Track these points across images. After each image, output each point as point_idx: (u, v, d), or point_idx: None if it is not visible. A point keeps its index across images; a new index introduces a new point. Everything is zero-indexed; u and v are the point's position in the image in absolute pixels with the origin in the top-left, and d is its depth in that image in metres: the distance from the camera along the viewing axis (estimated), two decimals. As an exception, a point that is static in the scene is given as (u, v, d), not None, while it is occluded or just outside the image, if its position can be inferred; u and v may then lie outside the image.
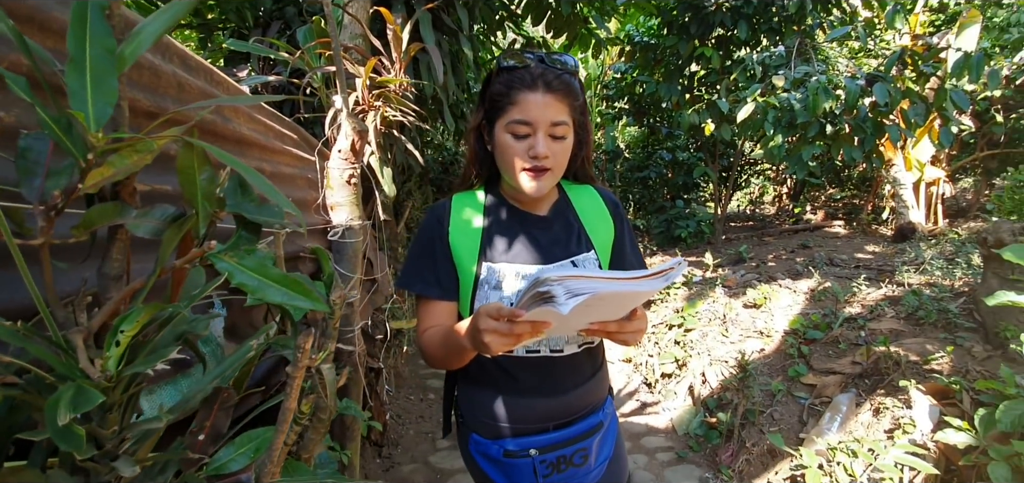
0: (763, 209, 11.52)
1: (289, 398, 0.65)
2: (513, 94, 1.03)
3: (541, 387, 1.12)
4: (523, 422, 1.12)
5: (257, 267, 0.56)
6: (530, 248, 1.12)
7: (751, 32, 5.39)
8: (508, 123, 1.03)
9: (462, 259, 1.09)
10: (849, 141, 3.84)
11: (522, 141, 1.03)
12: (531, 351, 1.10)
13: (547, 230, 1.14)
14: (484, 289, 1.07)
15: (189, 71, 1.33)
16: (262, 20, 4.21)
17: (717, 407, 3.06)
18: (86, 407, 0.43)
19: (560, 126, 1.03)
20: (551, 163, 1.04)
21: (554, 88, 1.02)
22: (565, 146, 1.06)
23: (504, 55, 1.08)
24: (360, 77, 2.46)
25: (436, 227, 1.12)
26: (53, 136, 0.45)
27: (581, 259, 1.12)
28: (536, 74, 1.03)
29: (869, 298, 3.45)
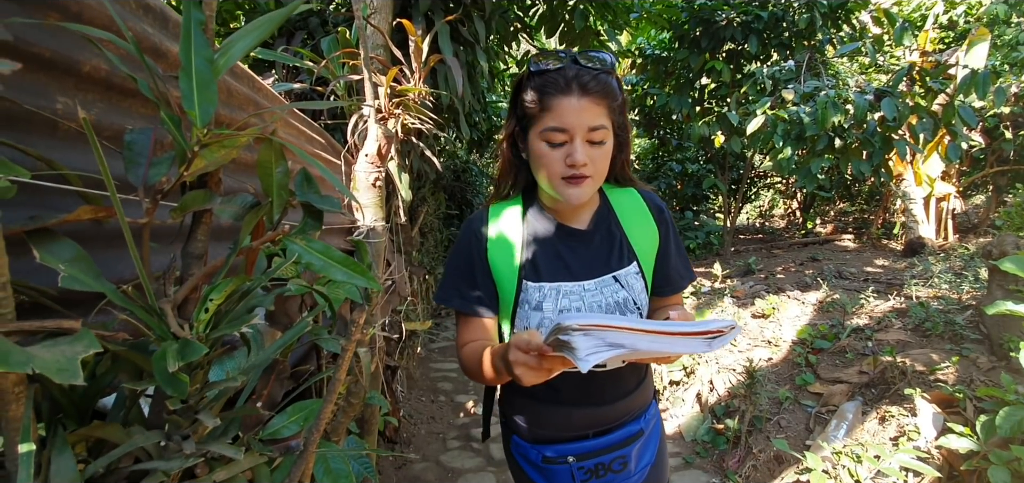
0: (773, 222, 11.52)
1: (339, 370, 0.73)
2: (546, 100, 0.96)
3: (583, 399, 1.10)
4: (562, 430, 1.11)
5: (322, 250, 0.64)
6: (570, 265, 1.07)
7: (761, 46, 5.46)
8: (543, 130, 0.97)
9: (502, 275, 1.06)
10: (857, 155, 3.89)
11: (558, 149, 0.97)
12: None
13: (588, 244, 1.10)
14: (524, 308, 1.04)
15: (235, 78, 1.43)
16: (286, 30, 4.34)
17: (724, 414, 3.10)
18: (192, 357, 0.51)
19: (598, 131, 0.96)
20: (590, 170, 0.98)
21: (590, 90, 0.95)
22: (604, 151, 0.99)
23: (535, 57, 1.00)
24: (382, 86, 2.56)
25: (474, 242, 1.08)
26: (170, 131, 0.54)
27: (622, 274, 1.08)
28: (570, 77, 0.96)
29: (877, 310, 3.49)
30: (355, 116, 2.32)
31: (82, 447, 0.65)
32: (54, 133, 0.83)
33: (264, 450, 0.76)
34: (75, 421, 0.65)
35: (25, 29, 0.72)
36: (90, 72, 0.87)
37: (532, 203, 1.12)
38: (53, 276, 0.60)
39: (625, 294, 1.07)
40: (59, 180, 0.71)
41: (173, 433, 0.63)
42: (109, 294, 0.54)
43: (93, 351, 0.47)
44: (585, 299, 1.04)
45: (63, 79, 0.84)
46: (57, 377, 0.43)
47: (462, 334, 1.10)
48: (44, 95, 0.80)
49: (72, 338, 0.48)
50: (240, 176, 1.77)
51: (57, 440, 0.58)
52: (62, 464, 0.56)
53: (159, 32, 1.01)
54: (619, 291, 1.06)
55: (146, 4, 0.98)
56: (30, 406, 0.52)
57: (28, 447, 0.49)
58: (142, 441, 0.60)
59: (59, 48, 0.81)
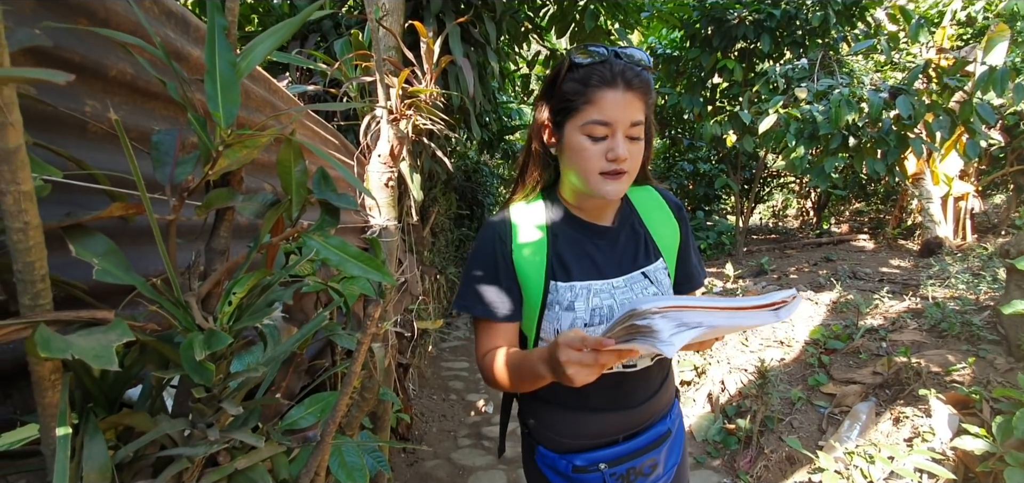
0: (786, 222, 11.42)
1: (356, 362, 0.76)
2: (590, 92, 0.93)
3: (613, 403, 1.07)
4: (593, 437, 1.08)
5: (339, 245, 0.66)
6: (599, 263, 1.05)
7: (774, 45, 5.43)
8: (585, 124, 0.94)
9: (528, 278, 1.02)
10: (872, 154, 3.85)
11: (599, 143, 0.95)
12: None
13: (614, 242, 1.08)
14: (555, 310, 1.01)
15: (252, 80, 1.46)
16: (301, 33, 4.40)
17: (736, 414, 3.09)
18: (217, 347, 0.53)
19: (638, 126, 0.95)
20: (628, 166, 0.96)
21: (634, 85, 0.94)
22: (640, 148, 0.98)
23: (575, 50, 0.97)
24: (394, 87, 2.60)
25: (499, 245, 1.03)
26: (196, 130, 0.57)
27: (651, 270, 1.07)
28: (616, 70, 0.93)
29: (891, 310, 3.46)
30: (368, 117, 2.36)
31: (112, 434, 0.68)
32: (84, 135, 0.86)
33: (283, 440, 0.79)
34: (105, 409, 0.68)
35: (56, 34, 0.76)
36: (116, 76, 0.90)
37: (554, 202, 1.10)
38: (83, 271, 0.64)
39: (655, 290, 1.06)
40: (88, 179, 0.74)
41: (197, 421, 0.66)
42: (139, 287, 0.57)
43: (126, 339, 0.49)
44: (615, 297, 1.03)
45: (92, 83, 0.88)
46: (94, 362, 0.46)
47: (483, 342, 1.06)
48: (74, 98, 0.83)
49: (106, 328, 0.51)
50: (259, 176, 1.81)
51: (89, 426, 0.61)
52: (94, 449, 0.59)
53: (181, 37, 1.04)
54: (649, 287, 1.06)
55: (168, 9, 1.01)
56: (66, 393, 0.55)
57: (65, 431, 0.52)
58: (168, 428, 0.63)
59: (88, 53, 0.84)
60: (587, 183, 0.98)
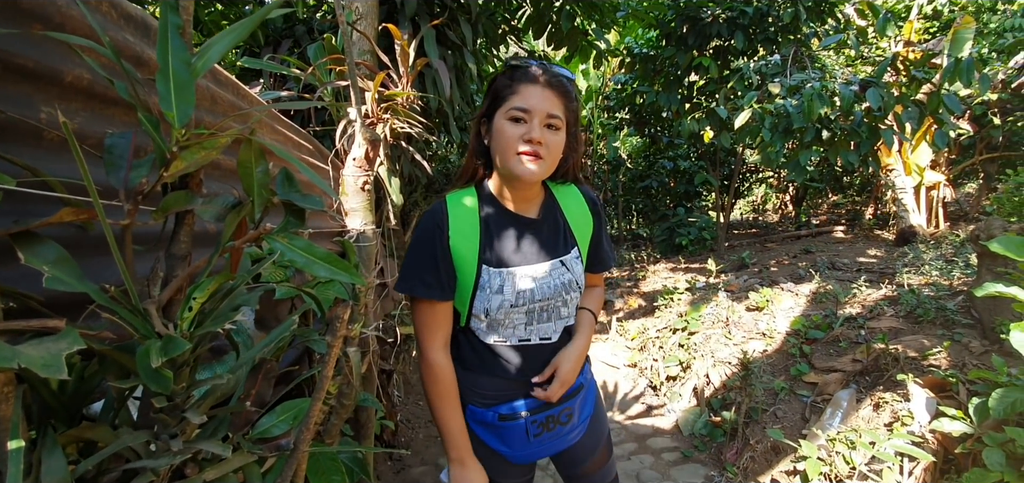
0: (766, 216, 11.58)
1: (326, 366, 0.74)
2: (515, 86, 1.13)
3: (532, 368, 1.24)
4: (516, 393, 1.24)
5: (305, 246, 0.65)
6: (524, 251, 1.21)
7: (747, 42, 5.50)
8: (508, 110, 1.12)
9: (463, 261, 1.15)
10: (845, 146, 3.92)
11: (519, 126, 1.11)
12: (523, 340, 1.22)
13: (538, 232, 1.23)
14: (485, 292, 1.15)
15: (219, 85, 1.43)
16: (273, 38, 4.35)
17: (721, 407, 3.12)
18: (174, 353, 0.51)
19: (555, 119, 1.12)
20: (544, 152, 1.11)
21: (553, 85, 1.13)
22: (558, 139, 1.14)
23: (511, 58, 1.20)
24: (369, 91, 2.57)
25: (436, 231, 1.15)
26: (148, 131, 0.55)
27: (567, 259, 1.25)
28: (537, 71, 1.14)
29: (869, 299, 3.52)
30: (343, 121, 2.33)
31: (73, 448, 0.66)
32: (40, 142, 0.84)
33: (254, 449, 0.76)
34: (65, 423, 0.65)
35: (8, 40, 0.73)
36: (73, 82, 0.87)
37: (486, 195, 1.23)
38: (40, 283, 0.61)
39: (570, 276, 1.23)
40: (44, 188, 0.71)
41: (161, 432, 0.64)
42: (92, 294, 0.55)
43: (77, 348, 0.47)
44: (537, 281, 1.19)
45: (47, 89, 0.85)
46: (42, 372, 0.44)
47: (426, 324, 1.18)
48: (28, 105, 0.80)
49: (57, 336, 0.49)
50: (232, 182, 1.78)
51: (47, 441, 0.59)
52: (53, 463, 0.57)
53: (140, 41, 1.02)
54: (565, 274, 1.23)
55: (127, 14, 0.99)
56: (19, 405, 0.52)
57: (17, 444, 0.49)
58: (130, 440, 0.61)
59: (42, 59, 0.82)
60: (507, 161, 1.12)
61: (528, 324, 1.21)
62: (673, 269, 6.77)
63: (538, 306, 1.19)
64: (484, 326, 1.19)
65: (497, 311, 1.15)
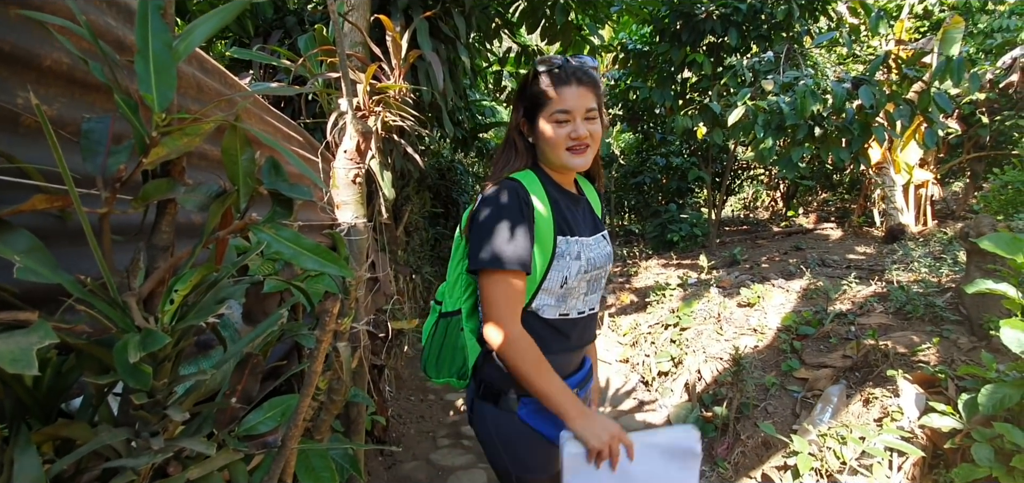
0: (757, 214, 11.64)
1: (315, 361, 0.72)
2: (552, 90, 1.22)
3: (581, 341, 1.34)
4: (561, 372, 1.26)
5: (292, 237, 0.63)
6: (583, 223, 1.32)
7: (741, 39, 5.51)
8: (551, 114, 1.22)
9: (543, 234, 1.22)
10: (837, 143, 3.94)
11: (564, 127, 1.22)
12: (581, 312, 1.31)
13: (584, 209, 1.37)
14: (565, 259, 1.23)
15: (206, 73, 1.40)
16: (263, 29, 4.29)
17: (712, 402, 3.12)
18: (153, 347, 0.49)
19: (592, 111, 1.24)
20: (590, 141, 1.24)
21: (585, 82, 1.23)
22: (597, 127, 1.26)
23: (538, 61, 1.29)
24: (361, 83, 2.54)
25: (524, 206, 1.20)
26: (124, 115, 0.52)
27: (606, 234, 1.40)
28: (570, 72, 1.23)
29: (859, 295, 3.54)
30: (335, 114, 2.30)
31: (49, 447, 0.63)
32: (16, 129, 0.81)
33: (240, 446, 0.74)
34: (40, 420, 0.63)
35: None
36: (51, 66, 0.84)
37: (544, 176, 1.30)
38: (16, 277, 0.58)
39: (610, 249, 1.38)
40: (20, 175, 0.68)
41: (141, 430, 0.62)
42: (67, 286, 0.52)
43: (49, 342, 0.45)
44: (594, 250, 1.30)
45: (24, 73, 0.82)
46: (11, 367, 0.42)
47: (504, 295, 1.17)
48: (4, 90, 0.77)
49: (27, 330, 0.47)
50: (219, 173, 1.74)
51: (20, 439, 0.56)
52: (26, 462, 0.54)
53: (123, 25, 0.99)
54: (606, 245, 1.37)
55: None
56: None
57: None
58: (108, 438, 0.58)
59: (19, 42, 0.78)
60: (559, 158, 1.25)
61: (587, 294, 1.30)
62: (665, 265, 6.79)
63: (595, 274, 1.29)
64: (553, 301, 1.25)
65: (575, 278, 1.23)
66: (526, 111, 1.29)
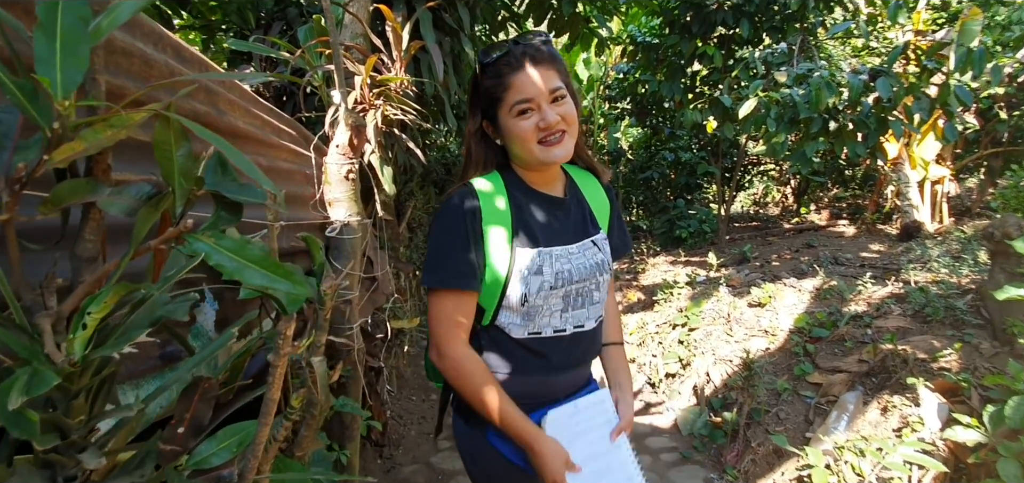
0: (767, 210, 11.46)
1: (271, 388, 0.63)
2: (505, 80, 1.07)
3: (567, 362, 1.17)
4: (544, 397, 1.16)
5: (236, 248, 0.53)
6: (558, 230, 1.15)
7: (753, 30, 5.36)
8: (511, 107, 1.07)
9: (496, 246, 1.08)
10: (852, 137, 3.80)
11: (528, 117, 1.06)
12: (558, 330, 1.14)
13: (567, 212, 1.18)
14: (524, 275, 1.08)
15: (183, 62, 1.31)
16: (264, 21, 4.22)
17: (722, 406, 3.02)
18: (40, 390, 0.40)
19: (557, 91, 1.07)
20: (564, 125, 1.08)
21: (541, 60, 1.07)
22: (569, 107, 1.09)
23: (482, 52, 1.12)
24: (360, 74, 2.44)
25: (470, 217, 1.07)
26: (15, 102, 0.43)
27: (598, 239, 1.20)
28: (519, 54, 1.07)
29: (875, 296, 3.41)
30: (333, 107, 2.21)
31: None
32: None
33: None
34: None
35: None
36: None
37: (512, 178, 1.16)
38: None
39: (602, 256, 1.19)
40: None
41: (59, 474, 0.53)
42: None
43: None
44: (573, 261, 1.13)
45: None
46: None
47: (445, 313, 1.08)
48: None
49: None
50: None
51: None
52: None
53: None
54: (597, 254, 1.18)
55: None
56: None
57: None
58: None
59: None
60: (533, 154, 1.08)
61: (564, 310, 1.13)
62: (673, 262, 6.66)
63: (574, 288, 1.12)
64: (518, 318, 1.11)
65: (537, 295, 1.08)
66: (485, 112, 1.14)
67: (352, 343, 2.02)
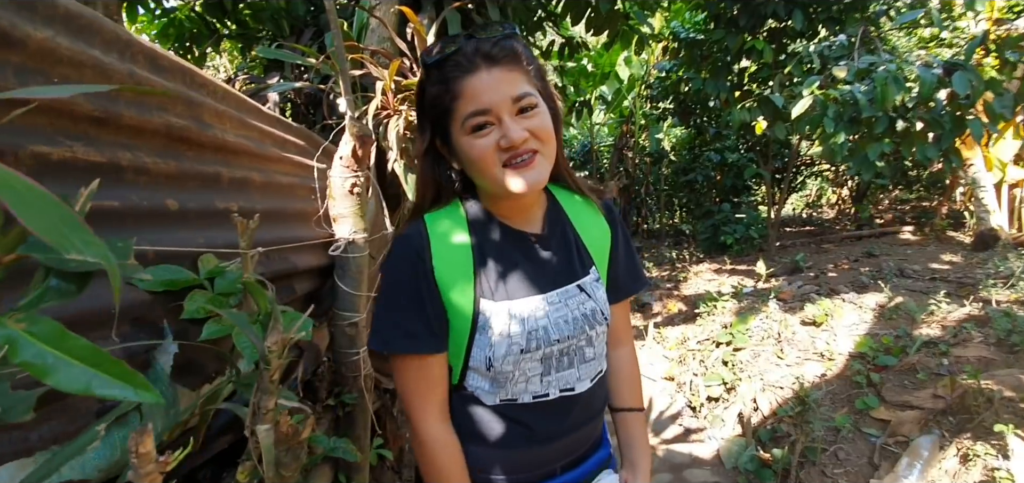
0: (821, 213, 10.81)
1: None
2: (453, 86, 0.83)
3: (556, 431, 0.95)
4: (533, 470, 0.97)
5: (53, 338, 0.37)
6: (532, 278, 0.92)
7: (807, 22, 4.96)
8: (463, 121, 0.83)
9: (453, 296, 0.88)
10: (922, 138, 3.41)
11: (486, 134, 0.82)
12: (539, 396, 0.92)
13: (545, 249, 0.95)
14: (486, 336, 0.88)
15: (159, 72, 1.18)
16: (296, 28, 4.22)
17: (770, 439, 2.73)
18: None
19: (524, 99, 0.83)
20: (535, 145, 0.84)
21: (497, 59, 0.83)
22: (541, 118, 0.85)
23: (425, 51, 0.88)
24: (383, 79, 2.33)
25: (416, 263, 0.87)
26: None
27: (586, 282, 0.96)
28: (470, 52, 0.83)
29: (950, 317, 3.03)
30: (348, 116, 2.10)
31: None
32: None
33: None
34: None
35: None
36: None
37: (475, 211, 0.94)
38: None
39: (592, 305, 0.95)
40: None
41: None
42: None
43: None
44: (550, 316, 0.90)
45: None
46: None
47: (413, 383, 0.90)
48: None
49: None
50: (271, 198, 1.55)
51: None
52: None
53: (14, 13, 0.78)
54: (586, 302, 0.94)
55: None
56: None
57: None
58: None
59: None
60: (494, 181, 0.85)
61: (544, 374, 0.91)
62: (717, 270, 6.30)
63: (557, 349, 0.91)
64: (487, 384, 0.92)
65: (503, 360, 0.87)
66: (434, 128, 0.90)
67: (359, 370, 1.88)
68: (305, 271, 1.68)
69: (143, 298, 1.00)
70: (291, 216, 1.68)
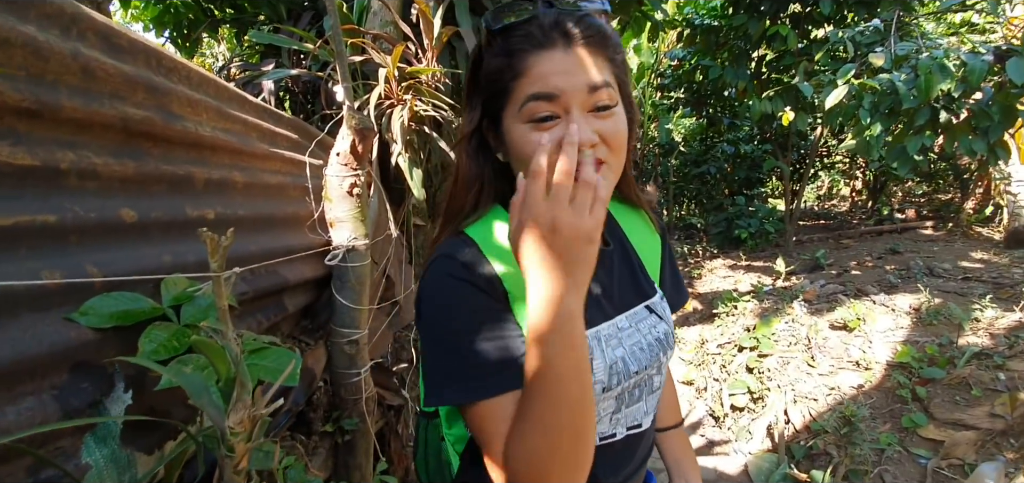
0: (834, 206, 10.54)
1: None
2: (518, 61, 0.64)
3: (617, 475, 0.81)
4: None
5: None
6: (605, 298, 0.75)
7: (835, 6, 4.70)
8: (522, 106, 0.64)
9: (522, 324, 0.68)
10: (966, 129, 3.17)
11: (549, 129, 0.63)
12: (606, 437, 0.76)
13: (609, 268, 0.78)
14: None
15: (116, 53, 0.97)
16: (294, 12, 4.02)
17: (805, 456, 2.52)
18: None
19: (602, 91, 0.63)
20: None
21: (580, 38, 0.64)
22: (617, 123, 0.66)
23: (492, 13, 0.67)
24: (386, 66, 2.13)
25: (484, 287, 0.67)
26: None
27: (655, 303, 0.81)
28: (548, 24, 0.64)
29: (998, 324, 2.81)
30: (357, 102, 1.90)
31: None
32: None
33: None
34: None
35: None
36: None
37: None
38: None
39: (664, 327, 0.80)
40: None
41: None
42: None
43: None
44: (626, 343, 0.74)
45: None
46: None
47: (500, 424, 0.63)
48: None
49: None
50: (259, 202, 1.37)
51: None
52: None
53: None
54: (658, 324, 0.80)
55: None
56: None
57: None
58: None
59: None
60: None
61: (615, 412, 0.75)
62: (733, 267, 6.08)
63: (638, 380, 0.75)
64: None
65: None
66: (486, 107, 0.72)
67: (360, 392, 1.68)
68: (298, 284, 1.47)
69: (86, 337, 0.80)
70: (281, 221, 1.47)
